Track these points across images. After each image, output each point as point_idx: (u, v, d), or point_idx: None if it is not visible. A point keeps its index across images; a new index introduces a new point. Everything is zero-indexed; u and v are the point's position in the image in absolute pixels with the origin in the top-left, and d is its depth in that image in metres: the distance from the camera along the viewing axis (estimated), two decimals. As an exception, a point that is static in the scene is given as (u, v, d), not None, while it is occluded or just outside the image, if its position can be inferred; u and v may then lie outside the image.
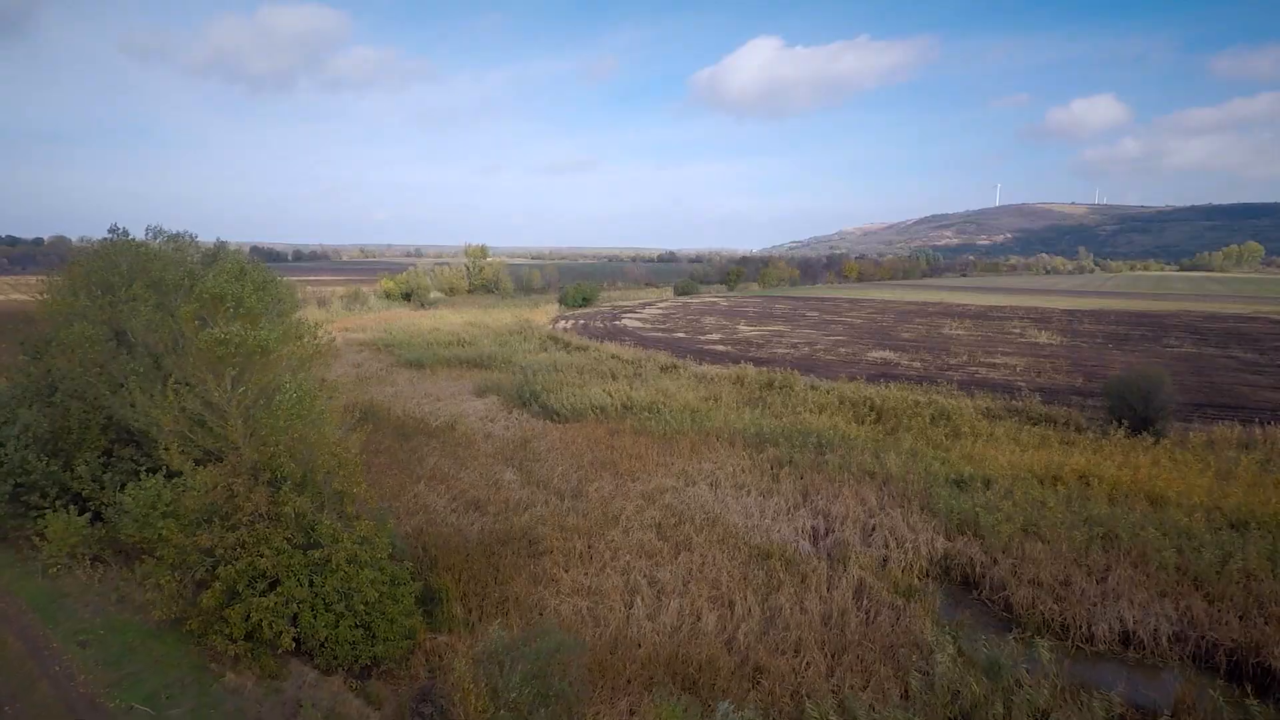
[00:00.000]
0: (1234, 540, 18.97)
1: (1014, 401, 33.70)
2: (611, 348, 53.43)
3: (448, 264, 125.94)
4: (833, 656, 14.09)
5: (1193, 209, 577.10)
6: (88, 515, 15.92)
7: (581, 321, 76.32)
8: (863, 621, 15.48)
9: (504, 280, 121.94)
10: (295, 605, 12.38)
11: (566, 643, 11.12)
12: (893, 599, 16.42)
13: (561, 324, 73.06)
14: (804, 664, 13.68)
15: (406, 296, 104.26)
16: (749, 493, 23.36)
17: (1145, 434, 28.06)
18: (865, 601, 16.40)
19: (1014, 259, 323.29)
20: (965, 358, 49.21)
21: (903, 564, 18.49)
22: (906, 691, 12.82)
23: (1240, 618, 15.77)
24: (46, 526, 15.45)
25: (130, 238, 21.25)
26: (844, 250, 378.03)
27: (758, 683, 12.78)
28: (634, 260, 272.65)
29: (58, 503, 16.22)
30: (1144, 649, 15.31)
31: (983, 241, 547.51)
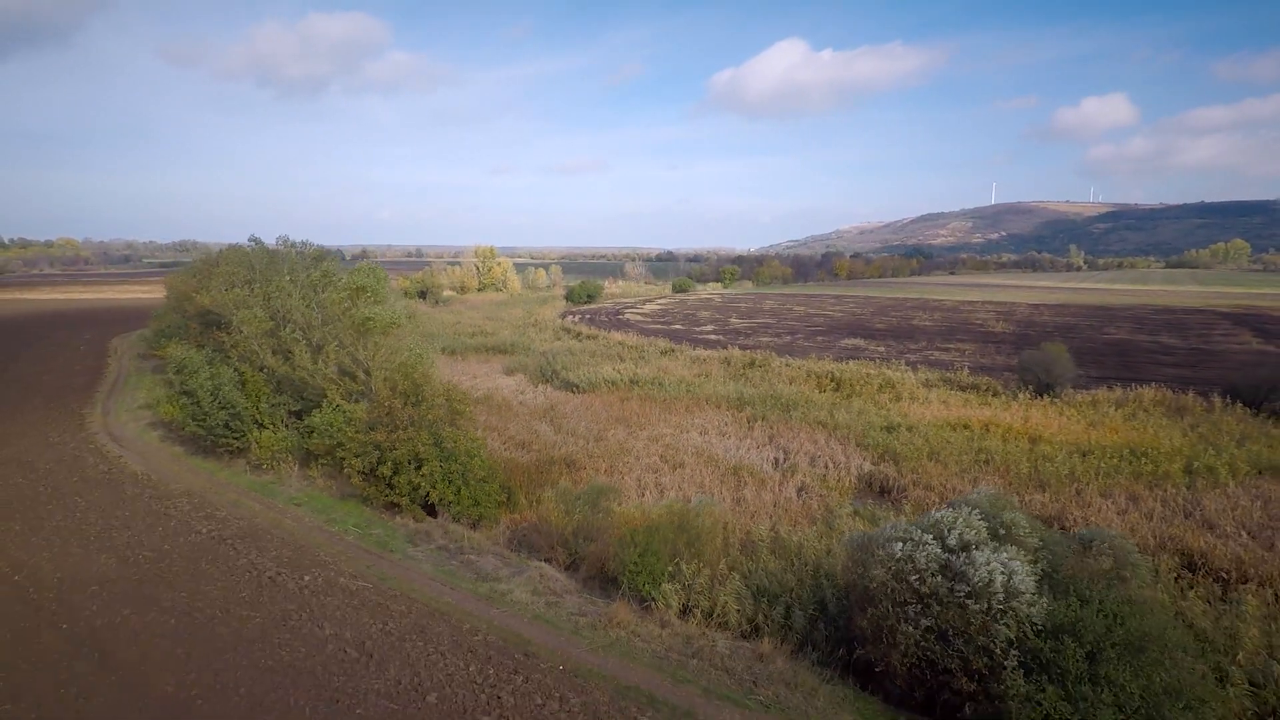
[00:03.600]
0: (1077, 460, 26.42)
1: (949, 374, 41.12)
2: (617, 336, 60.86)
3: (459, 264, 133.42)
4: (776, 520, 21.48)
5: (1185, 206, 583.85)
6: (283, 433, 23.37)
7: (587, 316, 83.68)
8: (800, 504, 22.89)
9: (511, 279, 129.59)
10: (434, 479, 19.71)
11: (608, 487, 18.47)
12: (823, 491, 23.85)
13: (570, 318, 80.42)
14: (756, 522, 21.09)
15: (421, 295, 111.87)
16: (729, 437, 30.77)
17: (1045, 396, 35.54)
18: (804, 495, 23.83)
19: (1005, 256, 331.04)
20: (925, 344, 56.62)
21: (836, 477, 25.90)
22: (818, 532, 20.18)
23: (1060, 503, 23.16)
24: (256, 440, 22.94)
25: (263, 244, 28.64)
26: (840, 249, 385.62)
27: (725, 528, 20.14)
28: (632, 260, 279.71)
29: (250, 427, 23.69)
30: (991, 522, 22.68)
31: (977, 240, 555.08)
